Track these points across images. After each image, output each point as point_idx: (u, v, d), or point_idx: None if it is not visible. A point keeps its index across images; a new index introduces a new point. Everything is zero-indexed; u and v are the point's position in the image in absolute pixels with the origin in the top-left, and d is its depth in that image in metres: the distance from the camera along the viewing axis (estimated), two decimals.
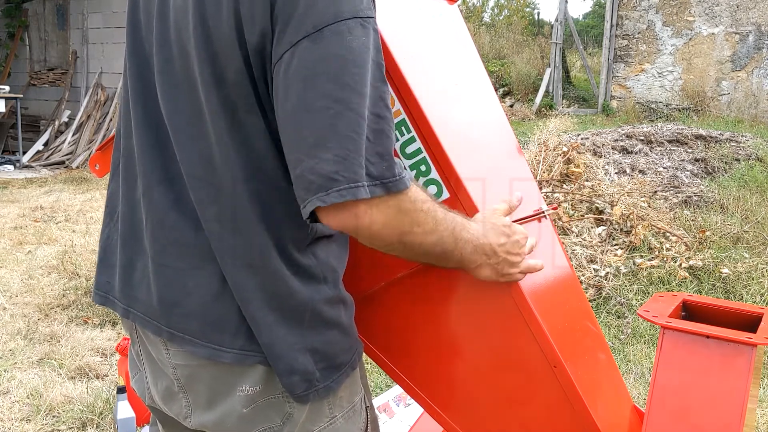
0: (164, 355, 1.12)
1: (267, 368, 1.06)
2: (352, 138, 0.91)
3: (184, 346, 1.07)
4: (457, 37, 1.47)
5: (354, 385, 1.17)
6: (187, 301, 1.06)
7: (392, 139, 0.97)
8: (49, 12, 11.42)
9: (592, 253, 4.24)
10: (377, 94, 0.95)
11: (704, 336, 1.23)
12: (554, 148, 5.12)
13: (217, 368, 1.07)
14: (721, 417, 1.19)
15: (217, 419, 1.10)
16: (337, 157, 0.91)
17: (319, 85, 0.91)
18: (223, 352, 1.05)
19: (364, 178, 0.92)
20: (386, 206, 0.96)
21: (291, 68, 0.92)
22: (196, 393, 1.11)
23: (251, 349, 1.04)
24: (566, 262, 1.42)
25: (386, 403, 2.49)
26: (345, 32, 0.92)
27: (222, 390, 1.08)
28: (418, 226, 1.00)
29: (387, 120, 0.96)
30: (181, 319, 1.06)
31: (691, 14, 11.06)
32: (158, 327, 1.09)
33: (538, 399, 1.28)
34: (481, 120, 1.43)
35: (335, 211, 0.93)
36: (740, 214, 5.11)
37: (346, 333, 1.12)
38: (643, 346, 3.47)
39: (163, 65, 1.05)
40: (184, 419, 1.14)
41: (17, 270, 4.68)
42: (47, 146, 10.13)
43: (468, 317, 1.28)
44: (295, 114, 0.93)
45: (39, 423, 2.73)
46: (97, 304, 1.22)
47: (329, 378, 1.09)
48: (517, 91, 13.37)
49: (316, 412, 1.11)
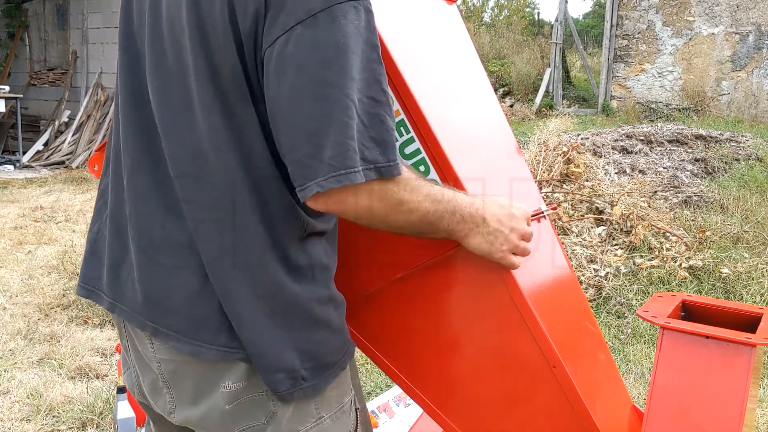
0: (149, 350, 1.11)
1: (250, 365, 1.05)
2: (348, 123, 0.92)
3: (168, 342, 1.07)
4: (456, 37, 1.47)
5: (343, 385, 1.16)
6: (172, 297, 1.05)
7: (388, 124, 0.97)
8: (49, 12, 11.42)
9: (592, 253, 4.24)
10: (373, 77, 0.95)
11: (704, 336, 1.23)
12: (554, 148, 5.12)
13: (201, 365, 1.06)
14: (721, 417, 1.19)
15: (200, 415, 1.09)
16: (333, 143, 0.92)
17: (314, 71, 0.92)
18: (205, 349, 1.04)
19: (359, 162, 0.93)
20: (379, 191, 0.97)
21: (285, 54, 0.92)
22: (181, 389, 1.10)
23: (233, 346, 1.04)
24: (565, 263, 1.42)
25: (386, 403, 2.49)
26: (339, 17, 0.92)
27: (206, 386, 1.08)
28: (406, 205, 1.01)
29: (382, 104, 0.96)
30: (166, 316, 1.06)
31: (691, 14, 11.05)
32: (143, 322, 1.09)
33: (538, 399, 1.28)
34: (480, 120, 1.43)
35: (331, 195, 0.95)
36: (740, 214, 5.11)
37: (335, 332, 1.11)
38: (643, 346, 3.47)
39: (154, 59, 1.05)
40: (169, 415, 1.14)
41: (17, 270, 4.68)
42: (47, 146, 10.13)
43: (467, 317, 1.28)
44: (289, 100, 0.93)
45: (39, 423, 2.73)
46: (81, 297, 1.22)
47: (316, 377, 1.08)
48: (517, 91, 13.37)
49: (302, 411, 1.10)
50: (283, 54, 0.92)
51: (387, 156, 0.96)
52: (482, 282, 1.22)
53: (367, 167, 0.94)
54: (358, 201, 0.96)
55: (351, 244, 1.27)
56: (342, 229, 1.19)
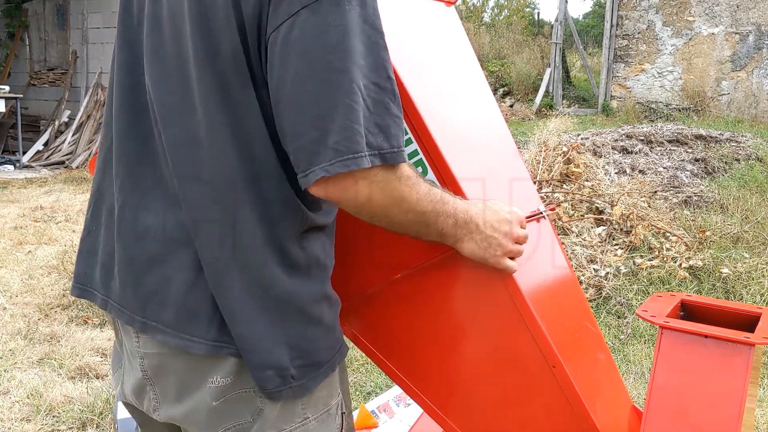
0: (134, 345, 1.10)
1: (239, 360, 1.03)
2: (353, 108, 0.92)
3: (156, 336, 1.05)
4: (455, 39, 1.48)
5: (332, 387, 1.13)
6: (163, 291, 1.04)
7: (393, 111, 0.96)
8: (49, 12, 11.42)
9: (592, 253, 4.24)
10: (378, 63, 0.95)
11: (702, 336, 1.23)
12: (554, 148, 5.12)
13: (188, 359, 1.04)
14: (720, 417, 1.19)
15: (186, 412, 1.07)
16: (339, 127, 0.91)
17: (319, 56, 0.91)
18: (195, 343, 1.02)
19: (365, 148, 0.92)
20: (382, 180, 0.96)
21: (290, 39, 0.92)
22: (165, 385, 1.09)
23: (224, 341, 1.02)
24: (565, 263, 1.42)
25: (386, 403, 2.50)
26: (344, 2, 0.92)
27: (192, 381, 1.06)
28: (406, 200, 1.01)
29: (387, 91, 0.96)
30: (157, 309, 1.04)
31: (691, 14, 11.05)
32: (131, 317, 1.07)
33: (537, 399, 1.28)
34: (477, 121, 1.44)
35: (336, 181, 0.93)
36: (740, 214, 5.11)
37: (328, 331, 1.10)
38: (643, 346, 3.47)
39: (153, 46, 1.04)
40: (153, 412, 1.12)
41: (17, 270, 4.68)
42: (47, 146, 10.14)
43: (467, 318, 1.28)
44: (294, 84, 0.92)
45: (39, 423, 2.73)
46: (75, 296, 1.21)
47: (305, 376, 1.06)
48: (517, 91, 13.37)
49: (289, 411, 1.07)
50: (288, 38, 0.92)
51: (390, 142, 0.95)
52: (482, 282, 1.22)
53: (372, 153, 0.93)
54: (359, 189, 0.95)
55: (351, 244, 1.28)
56: (342, 229, 1.19)
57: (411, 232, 1.09)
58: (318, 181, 0.93)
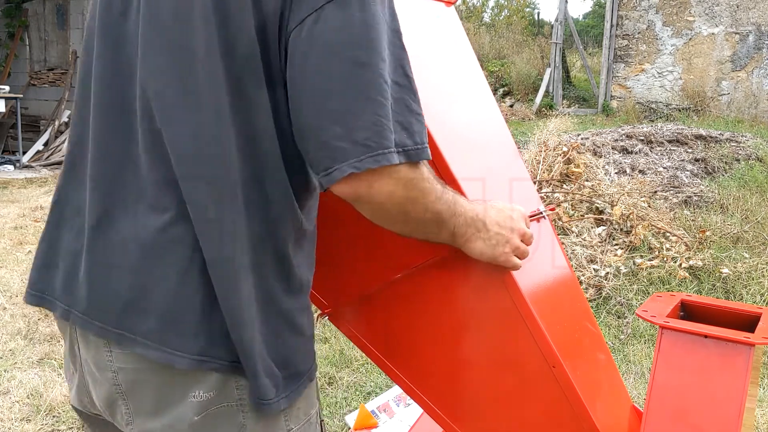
0: (105, 358, 1.02)
1: (222, 376, 0.98)
2: (382, 103, 0.90)
3: (133, 348, 0.98)
4: (455, 39, 1.48)
5: (311, 397, 1.10)
6: (145, 298, 0.97)
7: (414, 109, 0.95)
8: (49, 12, 11.42)
9: (592, 253, 4.24)
10: (397, 62, 0.94)
11: (702, 336, 1.23)
12: (554, 148, 5.12)
13: (168, 373, 0.98)
14: (720, 416, 1.19)
15: (165, 426, 1.01)
16: (368, 122, 0.89)
17: (345, 50, 0.89)
18: (178, 357, 0.96)
19: (393, 143, 0.91)
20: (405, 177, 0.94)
21: (314, 32, 0.90)
22: (139, 399, 1.02)
23: (209, 355, 0.97)
24: (565, 263, 1.43)
25: (386, 403, 2.50)
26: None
27: (173, 395, 1.00)
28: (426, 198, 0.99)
29: (406, 89, 0.95)
30: (135, 319, 0.97)
31: (691, 14, 11.05)
32: (102, 328, 1.00)
33: (537, 399, 1.28)
34: (477, 121, 1.44)
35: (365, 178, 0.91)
36: (740, 214, 5.11)
37: (308, 341, 1.08)
38: (643, 346, 3.47)
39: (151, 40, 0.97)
40: (126, 426, 1.06)
41: (17, 270, 4.68)
42: (47, 146, 10.14)
43: (467, 318, 1.28)
44: (318, 79, 0.90)
45: (39, 423, 2.73)
46: (30, 304, 1.11)
47: (289, 387, 1.03)
48: (517, 91, 13.37)
49: (272, 423, 1.03)
50: (312, 32, 0.90)
51: (414, 139, 0.94)
52: (482, 282, 1.22)
53: (397, 150, 0.92)
54: (383, 185, 0.93)
55: (351, 244, 1.28)
56: (342, 229, 1.19)
57: (421, 233, 1.06)
58: (345, 178, 0.91)
